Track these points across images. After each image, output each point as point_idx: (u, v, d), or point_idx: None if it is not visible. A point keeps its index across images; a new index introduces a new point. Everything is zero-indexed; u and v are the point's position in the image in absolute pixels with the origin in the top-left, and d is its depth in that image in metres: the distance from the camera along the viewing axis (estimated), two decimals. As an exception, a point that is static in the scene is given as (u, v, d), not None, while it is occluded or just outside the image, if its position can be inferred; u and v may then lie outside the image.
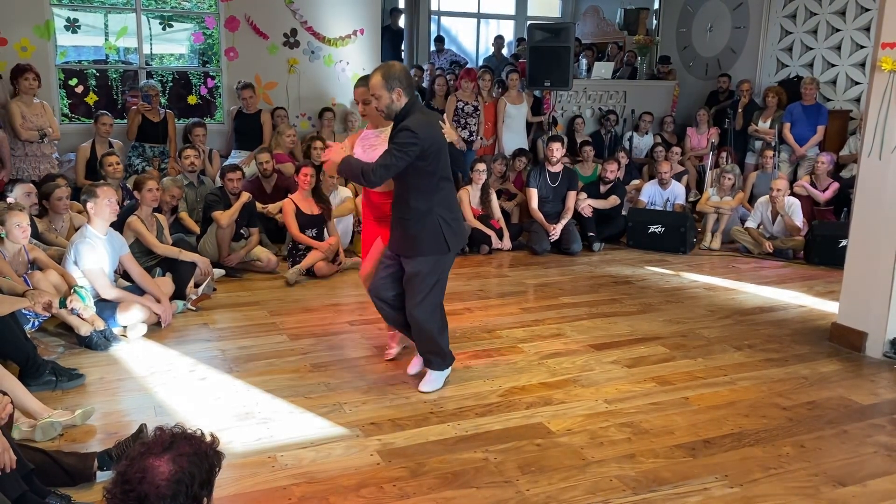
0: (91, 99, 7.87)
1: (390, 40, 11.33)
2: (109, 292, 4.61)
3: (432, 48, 12.22)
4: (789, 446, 3.38)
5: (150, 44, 8.35)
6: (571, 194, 7.35)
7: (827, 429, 3.56)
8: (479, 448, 3.30)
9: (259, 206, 6.61)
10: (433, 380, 3.93)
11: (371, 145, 3.93)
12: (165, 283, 5.12)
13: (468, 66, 11.10)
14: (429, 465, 3.15)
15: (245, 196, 6.18)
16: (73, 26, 7.78)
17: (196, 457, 1.73)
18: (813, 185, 7.77)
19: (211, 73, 8.47)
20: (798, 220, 7.17)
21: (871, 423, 3.65)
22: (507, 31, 14.34)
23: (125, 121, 7.61)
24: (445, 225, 3.69)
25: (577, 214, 7.40)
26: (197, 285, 5.35)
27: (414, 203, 3.65)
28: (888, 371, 4.32)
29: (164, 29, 8.33)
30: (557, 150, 7.27)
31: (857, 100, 8.79)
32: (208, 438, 1.83)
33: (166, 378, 4.02)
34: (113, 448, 3.00)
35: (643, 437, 3.44)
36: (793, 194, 7.57)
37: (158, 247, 5.30)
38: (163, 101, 7.92)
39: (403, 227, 3.71)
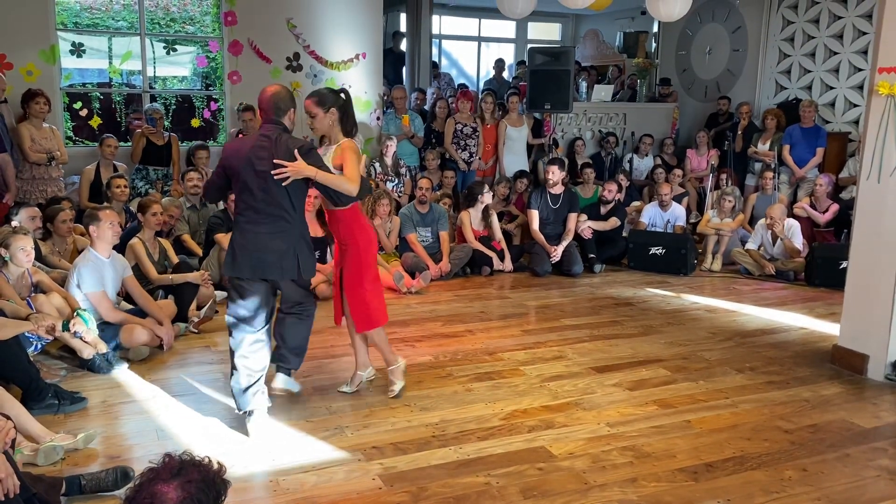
0: (95, 122, 7.93)
1: (392, 64, 11.41)
2: (112, 315, 4.62)
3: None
4: (791, 470, 3.37)
5: (154, 67, 8.43)
6: (572, 216, 7.38)
7: (829, 452, 3.56)
8: (480, 472, 3.30)
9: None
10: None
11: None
12: (168, 306, 5.14)
13: (465, 87, 11.17)
14: (430, 489, 3.15)
15: (248, 218, 6.18)
16: (78, 50, 7.86)
17: (204, 483, 1.74)
18: (813, 206, 7.81)
19: (214, 97, 8.54)
20: (798, 241, 7.19)
21: (873, 446, 3.64)
22: (508, 54, 14.47)
23: (129, 143, 7.67)
24: None
25: (577, 236, 7.43)
26: (199, 308, 5.36)
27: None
28: (890, 394, 4.32)
29: (167, 53, 8.41)
30: (554, 172, 7.32)
31: (856, 122, 8.86)
32: (216, 466, 1.84)
33: (168, 401, 4.02)
34: (84, 476, 2.99)
35: (645, 460, 3.44)
36: (793, 216, 7.61)
37: (154, 277, 5.27)
38: (166, 124, 7.99)
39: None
